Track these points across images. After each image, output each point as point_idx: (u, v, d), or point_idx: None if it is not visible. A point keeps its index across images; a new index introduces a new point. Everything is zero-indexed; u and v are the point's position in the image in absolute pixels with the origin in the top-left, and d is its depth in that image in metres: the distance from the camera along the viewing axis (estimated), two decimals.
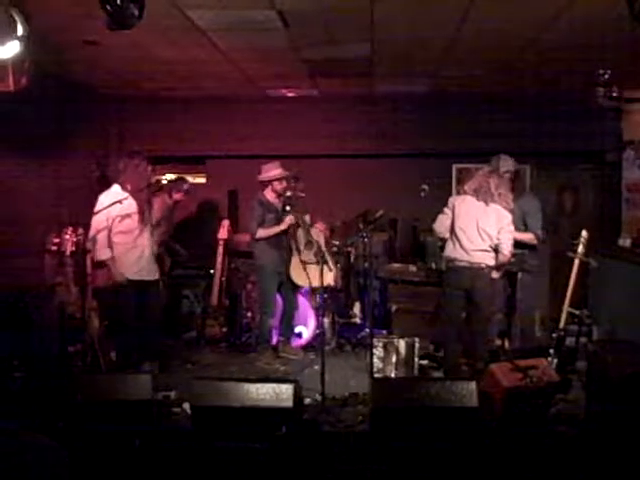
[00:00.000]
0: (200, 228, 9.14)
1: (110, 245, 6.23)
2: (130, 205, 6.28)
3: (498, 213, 6.15)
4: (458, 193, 6.39)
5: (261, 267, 7.25)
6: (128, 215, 6.27)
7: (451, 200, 6.33)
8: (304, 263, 7.04)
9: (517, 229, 6.34)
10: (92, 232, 6.14)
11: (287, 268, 7.23)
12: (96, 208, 6.21)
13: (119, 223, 6.25)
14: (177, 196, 8.03)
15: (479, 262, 6.11)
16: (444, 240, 6.37)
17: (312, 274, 6.82)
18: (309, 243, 7.28)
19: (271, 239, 7.13)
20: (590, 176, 9.01)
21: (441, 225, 6.31)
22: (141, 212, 6.40)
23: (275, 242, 7.17)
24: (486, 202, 6.13)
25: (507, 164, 6.56)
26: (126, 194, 6.27)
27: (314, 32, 5.95)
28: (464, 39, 6.07)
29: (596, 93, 6.08)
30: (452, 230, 6.21)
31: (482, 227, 6.12)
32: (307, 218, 7.39)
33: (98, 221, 6.17)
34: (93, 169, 8.61)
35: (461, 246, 6.13)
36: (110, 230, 6.22)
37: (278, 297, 7.38)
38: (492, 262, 6.14)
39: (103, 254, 6.21)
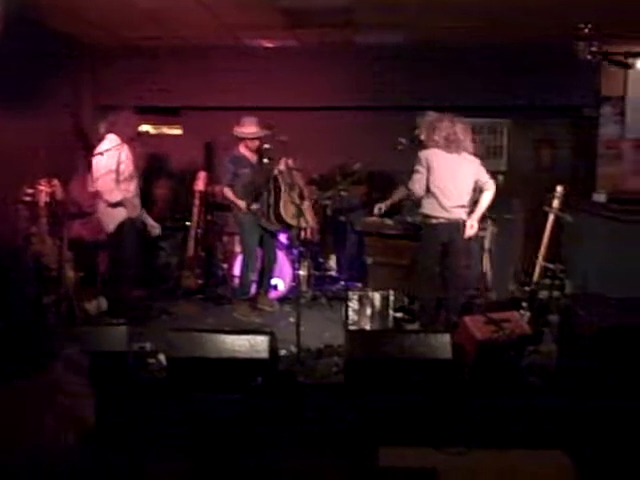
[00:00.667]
0: (176, 180, 9.10)
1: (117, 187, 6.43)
2: (127, 155, 6.53)
3: (469, 161, 6.21)
4: (425, 145, 6.32)
5: (240, 220, 7.22)
6: (127, 164, 6.52)
7: (422, 156, 6.20)
8: (293, 203, 6.87)
9: None
10: (99, 173, 6.34)
11: (276, 211, 7.02)
12: (98, 150, 6.40)
13: (122, 171, 6.45)
14: None
15: (457, 218, 6.15)
16: (419, 199, 6.34)
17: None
18: (293, 185, 7.13)
19: (248, 192, 7.07)
20: (567, 131, 9.02)
21: (417, 184, 6.22)
22: (135, 162, 6.71)
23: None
24: (458, 152, 6.14)
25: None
26: (122, 144, 6.49)
27: None
28: None
29: (576, 47, 6.04)
30: (428, 187, 6.19)
31: (458, 182, 6.13)
32: (290, 162, 7.19)
33: (103, 163, 6.34)
34: (67, 118, 8.51)
35: (439, 203, 6.11)
36: (117, 174, 6.40)
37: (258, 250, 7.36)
38: (466, 216, 6.19)
39: (115, 196, 6.40)
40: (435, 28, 7.55)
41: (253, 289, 7.37)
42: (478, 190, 6.27)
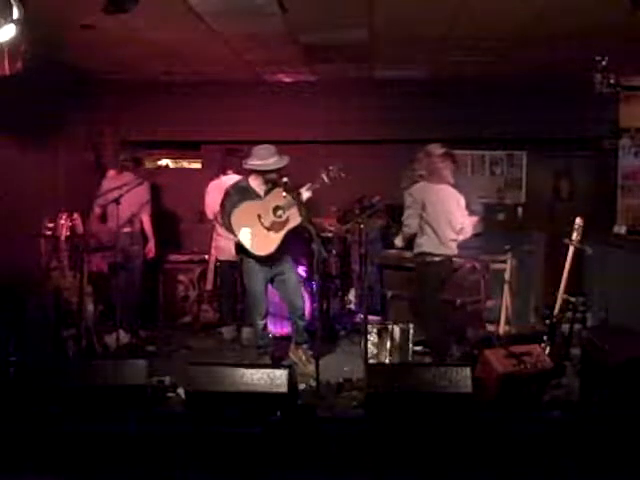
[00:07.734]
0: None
1: None
2: None
3: (455, 196, 6.25)
4: (412, 179, 6.37)
5: (242, 261, 6.44)
6: None
7: (411, 192, 6.25)
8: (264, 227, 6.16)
9: None
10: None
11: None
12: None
13: None
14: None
15: (452, 253, 6.23)
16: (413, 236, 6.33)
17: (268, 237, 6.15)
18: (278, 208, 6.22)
19: None
20: (586, 163, 8.99)
21: (411, 220, 6.25)
22: None
23: None
24: (442, 183, 6.19)
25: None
26: None
27: (312, 16, 5.92)
28: (462, 25, 6.06)
29: (593, 80, 6.05)
30: (422, 223, 6.20)
31: (449, 216, 6.17)
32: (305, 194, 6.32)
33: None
34: (88, 153, 8.60)
35: (437, 237, 6.13)
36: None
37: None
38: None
39: None
40: (453, 62, 7.59)
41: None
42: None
